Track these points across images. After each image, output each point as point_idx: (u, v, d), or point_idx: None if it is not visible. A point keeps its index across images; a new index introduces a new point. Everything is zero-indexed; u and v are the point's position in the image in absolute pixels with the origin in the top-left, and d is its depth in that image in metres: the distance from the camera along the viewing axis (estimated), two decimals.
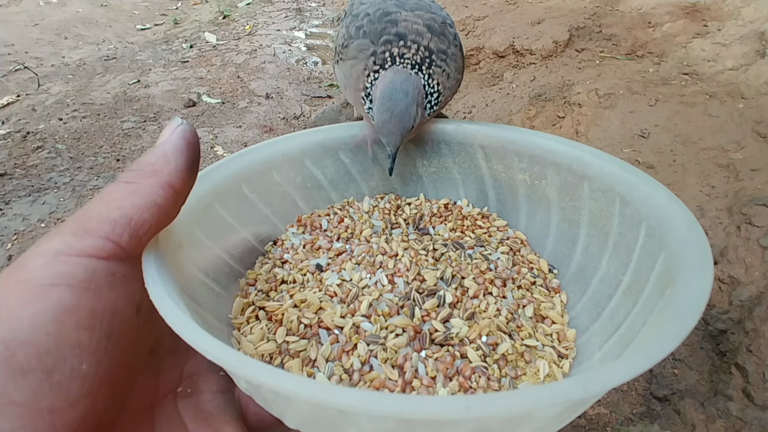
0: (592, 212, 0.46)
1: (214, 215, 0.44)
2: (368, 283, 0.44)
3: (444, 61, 0.54)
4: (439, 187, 0.59)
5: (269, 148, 0.52)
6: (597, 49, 1.90)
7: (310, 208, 0.56)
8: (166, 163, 0.30)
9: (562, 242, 0.50)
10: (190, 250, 0.38)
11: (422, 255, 0.49)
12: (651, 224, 0.39)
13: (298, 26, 3.69)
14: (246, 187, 0.49)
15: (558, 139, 0.50)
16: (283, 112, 2.29)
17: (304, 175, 0.55)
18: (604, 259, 0.44)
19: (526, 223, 0.53)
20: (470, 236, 0.53)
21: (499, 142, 0.53)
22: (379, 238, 0.51)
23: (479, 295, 0.44)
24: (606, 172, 0.44)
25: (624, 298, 0.39)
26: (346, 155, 0.57)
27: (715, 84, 1.55)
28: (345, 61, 0.57)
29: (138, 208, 0.29)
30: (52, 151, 1.94)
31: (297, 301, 0.41)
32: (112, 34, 3.84)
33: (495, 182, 0.55)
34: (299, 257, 0.48)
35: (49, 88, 2.71)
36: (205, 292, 0.39)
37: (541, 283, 0.47)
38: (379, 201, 0.58)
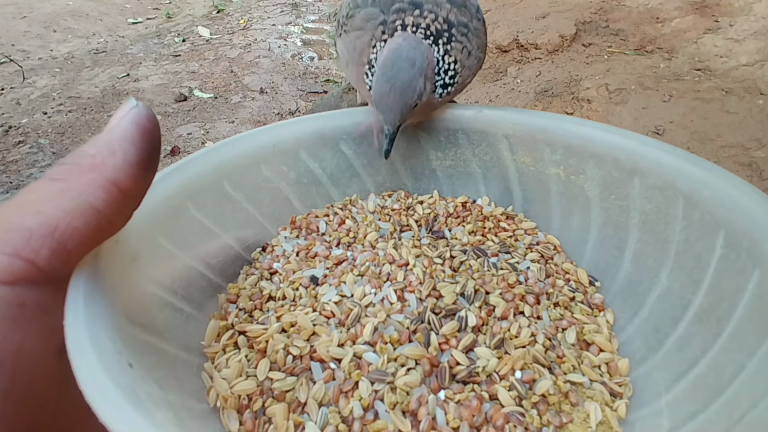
0: (645, 214, 0.38)
1: (185, 218, 0.35)
2: (373, 300, 0.36)
3: (465, 36, 0.45)
4: (456, 183, 0.51)
5: (257, 137, 0.43)
6: (605, 44, 1.83)
7: (306, 207, 0.48)
8: (110, 156, 0.22)
9: (604, 249, 0.42)
10: (151, 264, 0.30)
11: (437, 264, 0.41)
12: (733, 232, 0.31)
13: (293, 21, 3.61)
14: (228, 184, 0.40)
15: (601, 125, 0.42)
16: (278, 108, 2.20)
17: (299, 170, 0.47)
18: (663, 272, 0.35)
19: (560, 226, 0.45)
20: (493, 240, 0.45)
21: (528, 131, 0.45)
22: (386, 243, 0.43)
23: (508, 315, 0.36)
24: (665, 166, 0.36)
25: (697, 325, 0.31)
26: (348, 146, 0.49)
27: (730, 80, 1.48)
28: (349, 33, 0.49)
29: (66, 212, 0.20)
30: (34, 146, 1.85)
31: (285, 325, 0.33)
32: (103, 28, 3.74)
33: (521, 177, 0.47)
34: (291, 267, 0.40)
35: (34, 81, 2.61)
36: (170, 316, 0.30)
37: (581, 299, 0.39)
38: (386, 199, 0.50)
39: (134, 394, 0.18)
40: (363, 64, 0.47)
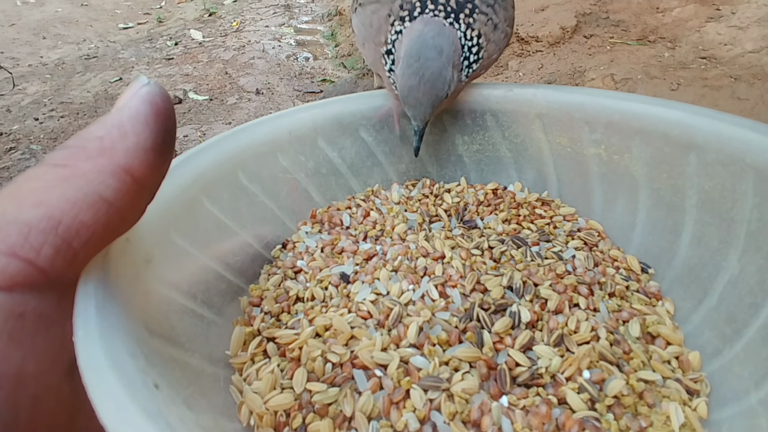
0: (706, 192, 0.34)
1: (201, 214, 0.32)
2: (412, 298, 0.32)
3: (491, 7, 0.42)
4: (485, 170, 0.48)
5: (272, 124, 0.40)
6: (606, 35, 1.81)
7: (326, 200, 0.44)
8: (122, 138, 0.19)
9: (656, 234, 0.38)
10: (166, 265, 0.26)
11: (476, 255, 0.37)
12: None
13: (287, 22, 3.57)
14: (244, 176, 0.37)
15: (646, 98, 0.38)
16: (275, 108, 2.16)
17: (318, 159, 0.43)
18: (732, 255, 0.32)
19: (602, 211, 0.42)
20: (530, 229, 0.42)
21: (564, 109, 0.41)
22: (416, 235, 0.40)
23: (563, 308, 0.32)
24: (727, 138, 0.33)
25: None
26: (369, 133, 0.46)
27: (737, 67, 1.46)
28: (365, 6, 0.46)
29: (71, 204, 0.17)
30: (26, 152, 1.80)
31: (319, 328, 0.29)
32: (93, 34, 3.69)
33: (558, 160, 0.44)
34: (317, 264, 0.36)
35: (25, 88, 2.56)
36: (190, 324, 0.26)
37: (637, 287, 0.36)
38: (410, 189, 0.46)
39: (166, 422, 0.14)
40: (381, 44, 0.44)
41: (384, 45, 0.42)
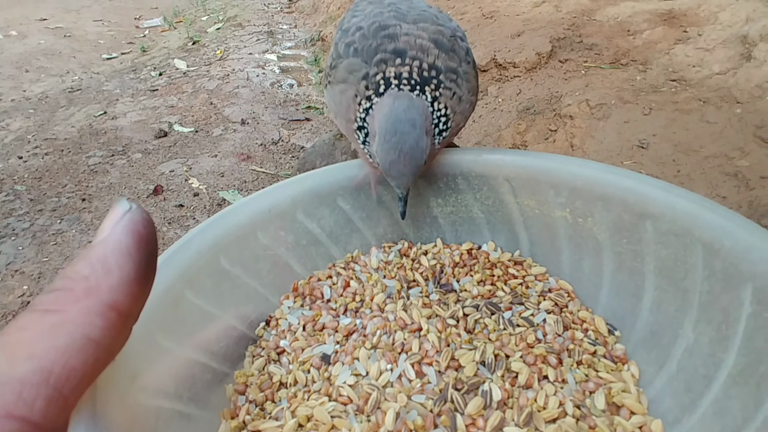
0: (662, 260, 0.37)
1: (184, 308, 0.33)
2: (390, 379, 0.34)
3: (454, 82, 0.44)
4: (459, 230, 0.50)
5: (251, 205, 0.41)
6: (581, 59, 1.87)
7: (308, 270, 0.46)
8: (106, 275, 0.20)
9: (621, 296, 0.40)
10: (151, 373, 0.27)
11: (452, 326, 0.39)
12: (762, 287, 0.29)
13: (270, 49, 3.61)
14: (225, 260, 0.38)
15: (607, 167, 0.41)
16: (261, 138, 2.18)
17: (297, 232, 0.45)
18: (687, 324, 0.34)
19: (571, 271, 0.44)
20: (504, 290, 0.44)
21: (530, 173, 0.44)
22: (395, 305, 0.41)
23: (533, 383, 0.34)
24: (678, 212, 0.35)
25: (736, 387, 0.29)
26: (346, 201, 0.47)
27: (706, 89, 1.52)
28: (334, 84, 0.48)
29: (61, 352, 0.18)
30: (10, 194, 1.79)
31: (301, 419, 0.30)
32: (77, 65, 3.69)
33: (527, 221, 0.46)
34: (299, 344, 0.37)
35: (8, 124, 2.55)
36: (178, 427, 0.28)
37: (603, 353, 0.38)
38: (388, 252, 0.48)
39: None
40: (351, 121, 0.46)
41: (354, 122, 0.45)
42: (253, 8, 4.90)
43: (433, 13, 0.49)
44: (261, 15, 4.61)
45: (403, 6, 0.51)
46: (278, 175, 1.90)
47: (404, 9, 0.49)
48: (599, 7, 2.33)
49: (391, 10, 0.48)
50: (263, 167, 1.95)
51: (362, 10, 0.50)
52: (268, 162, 2.00)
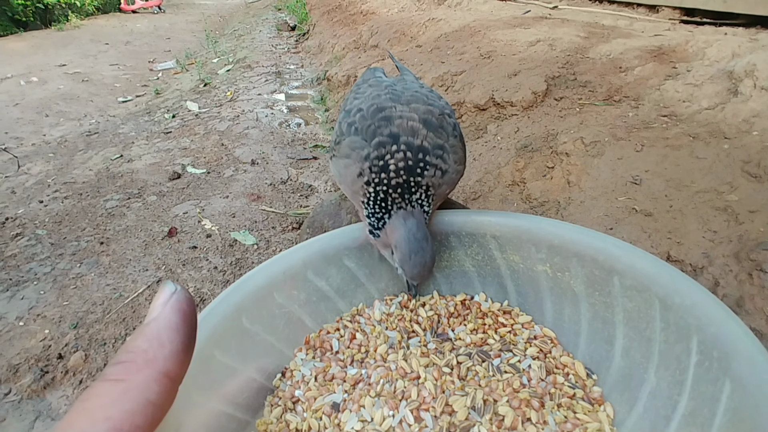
0: (628, 312, 0.42)
1: (214, 366, 0.39)
2: (392, 424, 0.39)
3: (440, 158, 0.51)
4: (453, 282, 0.55)
5: (269, 269, 0.47)
6: (575, 97, 1.95)
7: (318, 324, 0.51)
8: (161, 348, 0.25)
9: (596, 342, 0.45)
10: (188, 427, 0.33)
11: (446, 374, 0.44)
12: (704, 340, 0.34)
13: (278, 89, 3.77)
14: (246, 320, 0.44)
15: (578, 228, 0.46)
16: (270, 178, 2.27)
17: (308, 290, 0.51)
18: (651, 370, 0.39)
19: (553, 319, 0.49)
20: (494, 338, 0.49)
21: (513, 232, 0.50)
22: (396, 354, 0.47)
23: (517, 425, 0.39)
24: (638, 270, 0.40)
25: (687, 427, 0.34)
26: (351, 260, 0.53)
27: (695, 124, 1.58)
28: (339, 159, 0.55)
29: (129, 414, 0.23)
30: (32, 238, 1.87)
31: None
32: (94, 109, 3.87)
33: (513, 274, 0.52)
34: (312, 394, 0.43)
35: (29, 168, 2.67)
36: None
37: (582, 395, 0.42)
38: (390, 304, 0.54)
39: None
40: (357, 194, 0.52)
41: (362, 196, 0.51)
42: (262, 49, 5.12)
43: (424, 94, 0.56)
44: (269, 56, 4.81)
45: (398, 87, 0.58)
46: (287, 214, 1.97)
47: (399, 90, 0.57)
48: (592, 45, 2.43)
49: (388, 92, 0.56)
50: (273, 206, 2.02)
51: (362, 93, 0.58)
52: (278, 201, 2.07)
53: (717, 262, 1.08)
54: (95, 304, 1.49)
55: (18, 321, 1.42)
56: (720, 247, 1.11)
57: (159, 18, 8.19)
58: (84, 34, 6.57)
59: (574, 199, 1.43)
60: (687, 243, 1.16)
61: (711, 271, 1.08)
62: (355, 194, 0.52)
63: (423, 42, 3.10)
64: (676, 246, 1.16)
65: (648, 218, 1.25)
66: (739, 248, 1.07)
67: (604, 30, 2.70)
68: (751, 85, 1.65)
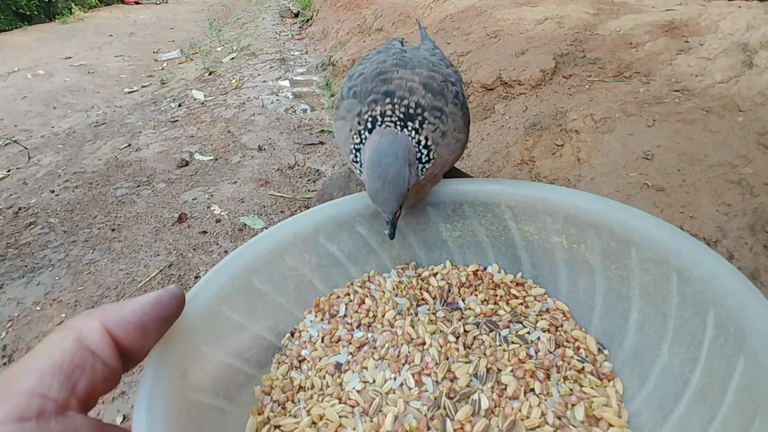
0: (645, 285, 0.40)
1: (222, 321, 0.39)
2: (393, 387, 0.39)
3: (438, 119, 0.49)
4: (466, 252, 0.54)
5: (279, 232, 0.47)
6: (584, 74, 1.91)
7: (329, 288, 0.51)
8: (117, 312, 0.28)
9: (610, 317, 0.44)
10: (195, 374, 0.33)
11: (452, 342, 0.43)
12: (721, 314, 0.33)
13: (283, 75, 3.75)
14: (257, 280, 0.44)
15: (595, 198, 0.45)
16: (277, 163, 2.27)
17: (320, 254, 0.50)
18: (664, 345, 0.37)
19: (567, 292, 0.48)
20: (505, 309, 0.48)
21: (529, 202, 0.48)
22: (404, 320, 0.47)
23: (519, 394, 0.38)
24: (656, 241, 0.39)
25: (696, 404, 0.33)
26: (363, 226, 0.53)
27: (709, 98, 1.55)
28: (336, 120, 0.55)
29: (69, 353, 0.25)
30: (45, 227, 1.90)
31: (315, 417, 0.36)
32: (101, 100, 3.88)
33: (528, 245, 0.50)
34: (317, 354, 0.43)
35: (39, 159, 2.70)
36: (214, 419, 0.34)
37: (591, 369, 0.41)
38: (401, 274, 0.53)
39: None
40: (348, 153, 0.52)
41: (351, 153, 0.50)
42: (266, 36, 5.09)
43: (431, 61, 0.55)
44: (273, 43, 4.78)
45: (408, 54, 0.57)
46: (295, 198, 1.97)
47: (408, 56, 0.56)
48: (601, 22, 2.38)
49: (395, 58, 0.55)
50: (281, 191, 2.03)
51: (369, 58, 0.57)
52: (285, 186, 2.08)
53: (731, 235, 1.07)
54: (109, 288, 1.51)
55: (35, 306, 1.45)
56: (734, 220, 1.10)
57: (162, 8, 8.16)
58: (88, 26, 6.57)
59: (584, 176, 1.42)
60: (700, 217, 1.14)
61: (725, 244, 1.07)
62: (348, 155, 0.52)
63: (428, 23, 3.06)
64: (689, 220, 1.15)
65: (660, 193, 1.23)
66: (754, 221, 1.06)
67: (614, 6, 2.64)
68: (767, 57, 1.61)
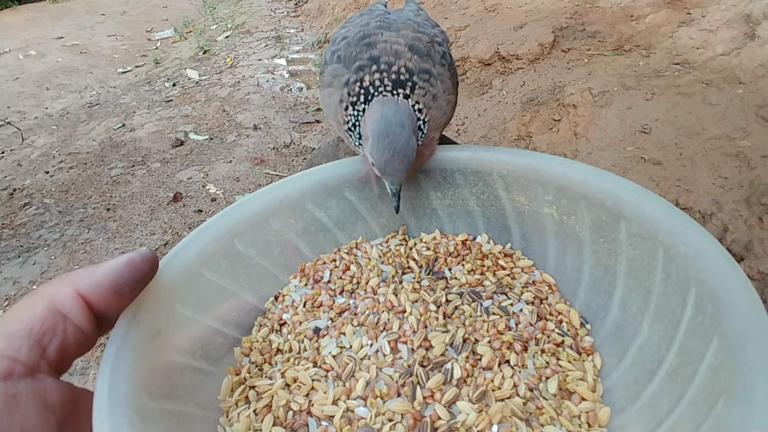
0: (631, 261, 0.39)
1: (201, 283, 0.38)
2: (368, 353, 0.39)
3: (427, 82, 0.48)
4: (456, 221, 0.53)
5: (264, 196, 0.46)
6: (583, 48, 1.88)
7: (315, 253, 0.51)
8: (89, 275, 0.28)
9: (596, 291, 0.43)
10: (171, 334, 0.33)
11: (432, 311, 0.43)
12: (701, 293, 0.32)
13: (278, 54, 3.69)
14: (239, 243, 0.43)
15: (589, 169, 0.43)
16: (273, 142, 2.25)
17: (306, 220, 0.49)
18: (645, 323, 0.36)
19: (555, 265, 0.47)
20: (490, 280, 0.47)
21: (521, 171, 0.47)
22: (387, 288, 0.46)
23: (493, 365, 0.38)
24: (647, 216, 0.37)
25: (668, 383, 0.32)
26: (351, 193, 0.52)
27: (709, 71, 1.52)
28: (322, 88, 0.53)
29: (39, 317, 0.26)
30: (40, 207, 1.89)
31: (289, 380, 0.36)
32: (94, 80, 3.83)
33: (518, 216, 0.49)
34: (298, 318, 0.43)
35: (33, 141, 2.67)
36: (189, 378, 0.34)
37: (571, 343, 0.41)
38: (390, 241, 0.53)
39: None
40: (341, 124, 0.50)
41: (344, 124, 0.49)
42: (261, 14, 4.99)
43: (416, 21, 0.53)
44: (268, 20, 4.69)
45: (392, 15, 0.55)
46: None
47: (392, 18, 0.54)
48: None
49: (379, 20, 0.53)
50: (276, 170, 2.01)
51: (352, 20, 0.55)
52: (281, 165, 2.06)
53: (727, 207, 1.06)
54: None
55: (31, 285, 1.45)
56: (730, 192, 1.09)
57: None
58: (79, 5, 6.43)
59: (581, 151, 1.40)
60: (696, 190, 1.13)
61: (720, 217, 1.06)
62: (340, 125, 0.51)
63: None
64: (685, 194, 1.14)
65: (657, 167, 1.22)
66: (750, 193, 1.05)
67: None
68: None
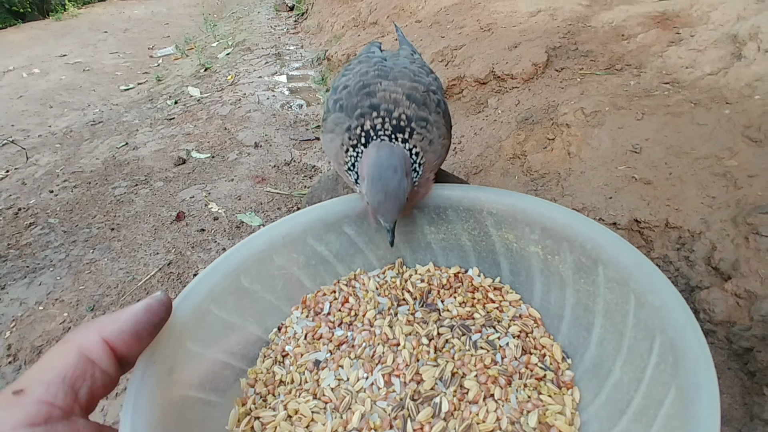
0: (608, 303, 0.42)
1: (210, 320, 0.42)
2: (364, 386, 0.42)
3: (424, 128, 0.52)
4: (449, 255, 0.57)
5: (268, 234, 0.50)
6: (576, 67, 1.93)
7: (316, 285, 0.54)
8: (112, 323, 0.31)
9: (576, 329, 0.46)
10: (182, 370, 0.36)
11: (424, 345, 0.46)
12: (665, 342, 0.35)
13: (279, 71, 3.75)
14: (245, 280, 0.47)
15: (571, 213, 0.47)
16: (273, 160, 2.29)
17: (308, 254, 0.53)
18: (618, 363, 0.40)
19: (540, 300, 0.51)
20: (480, 313, 0.51)
21: (509, 211, 0.51)
22: (383, 320, 0.49)
23: (479, 399, 0.41)
24: (620, 263, 0.41)
25: (633, 423, 0.35)
26: (350, 227, 0.55)
27: (697, 90, 1.57)
28: (325, 134, 0.57)
29: (71, 365, 0.29)
30: (45, 227, 1.92)
31: (291, 411, 0.40)
32: (97, 98, 3.88)
33: (507, 251, 0.53)
34: (300, 350, 0.46)
35: (37, 159, 2.71)
36: (200, 411, 0.37)
37: (552, 378, 0.44)
38: (387, 273, 0.56)
39: None
40: (341, 165, 0.54)
41: (344, 164, 0.53)
42: (261, 31, 5.07)
43: (412, 70, 0.57)
44: (268, 38, 4.77)
45: (389, 63, 0.59)
46: (292, 195, 2.00)
47: (389, 66, 0.58)
48: (594, 13, 2.39)
49: (377, 69, 0.57)
50: (277, 188, 2.05)
51: (351, 69, 0.59)
52: (282, 183, 2.10)
53: (714, 227, 1.10)
54: (110, 287, 1.54)
55: (38, 305, 1.48)
56: (718, 212, 1.12)
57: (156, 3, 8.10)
58: (82, 22, 6.53)
59: (575, 170, 1.44)
60: (685, 209, 1.17)
61: (708, 236, 1.09)
62: (340, 166, 0.54)
63: (423, 17, 3.06)
64: (675, 213, 1.17)
65: (647, 186, 1.26)
66: (737, 212, 1.08)
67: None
68: (755, 48, 1.63)
